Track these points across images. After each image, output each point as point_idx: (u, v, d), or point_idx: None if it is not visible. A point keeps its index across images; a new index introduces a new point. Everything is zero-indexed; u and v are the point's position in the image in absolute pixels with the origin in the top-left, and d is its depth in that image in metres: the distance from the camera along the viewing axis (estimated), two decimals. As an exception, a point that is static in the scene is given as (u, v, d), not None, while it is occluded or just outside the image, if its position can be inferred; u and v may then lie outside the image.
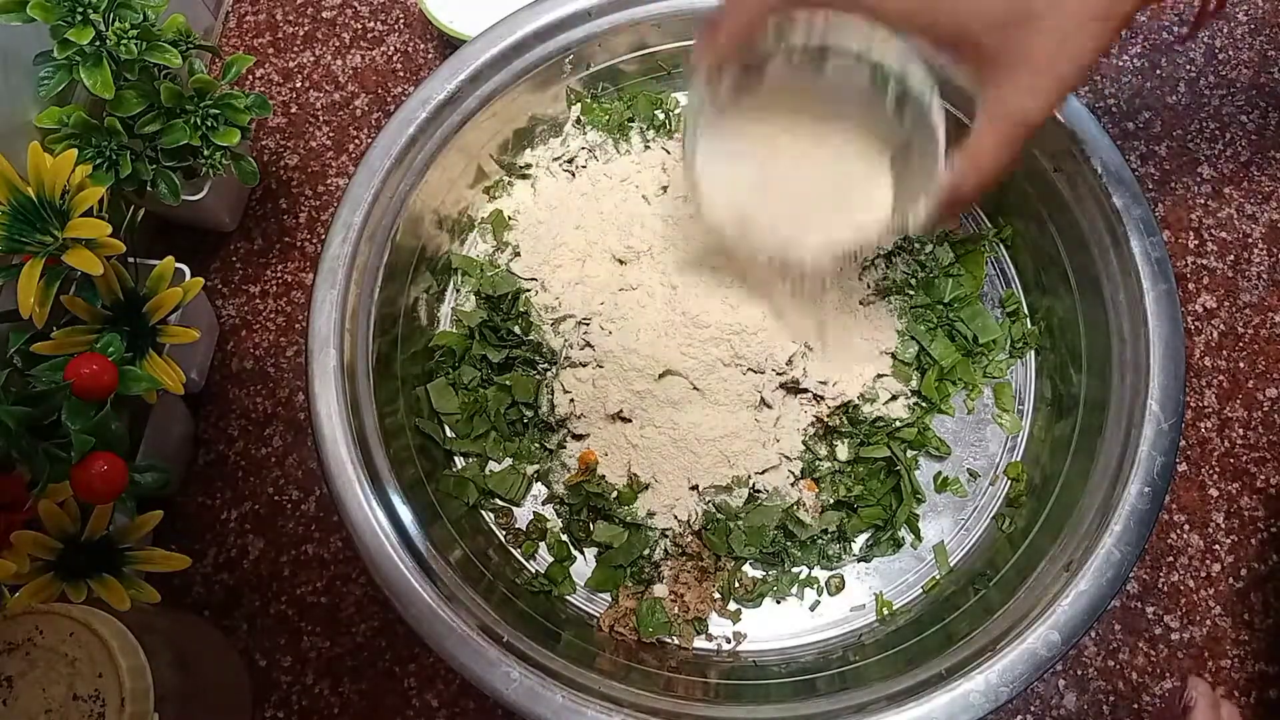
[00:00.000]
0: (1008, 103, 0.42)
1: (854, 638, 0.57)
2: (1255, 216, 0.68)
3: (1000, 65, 0.41)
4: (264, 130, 0.71)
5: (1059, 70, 0.41)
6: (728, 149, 0.50)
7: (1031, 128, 0.42)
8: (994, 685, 0.47)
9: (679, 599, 0.57)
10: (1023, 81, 0.41)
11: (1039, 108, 0.42)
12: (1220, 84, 0.71)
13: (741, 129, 0.50)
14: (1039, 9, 0.40)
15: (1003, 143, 0.42)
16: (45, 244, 0.47)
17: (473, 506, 0.59)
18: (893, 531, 0.58)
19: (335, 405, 0.52)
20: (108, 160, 0.54)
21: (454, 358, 0.61)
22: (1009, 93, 0.42)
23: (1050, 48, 0.41)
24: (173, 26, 0.56)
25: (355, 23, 0.74)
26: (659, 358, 0.57)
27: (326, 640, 0.60)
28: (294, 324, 0.67)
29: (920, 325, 0.61)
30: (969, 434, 0.62)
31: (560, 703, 0.47)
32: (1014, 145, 0.43)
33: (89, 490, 0.45)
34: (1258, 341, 0.65)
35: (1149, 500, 0.50)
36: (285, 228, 0.69)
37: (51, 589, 0.45)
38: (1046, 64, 0.41)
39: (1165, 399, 0.51)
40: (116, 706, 0.44)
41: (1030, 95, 0.41)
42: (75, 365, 0.46)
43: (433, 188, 0.60)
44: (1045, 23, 0.40)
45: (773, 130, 0.50)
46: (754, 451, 0.58)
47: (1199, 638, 0.59)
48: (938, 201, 0.45)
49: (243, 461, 0.63)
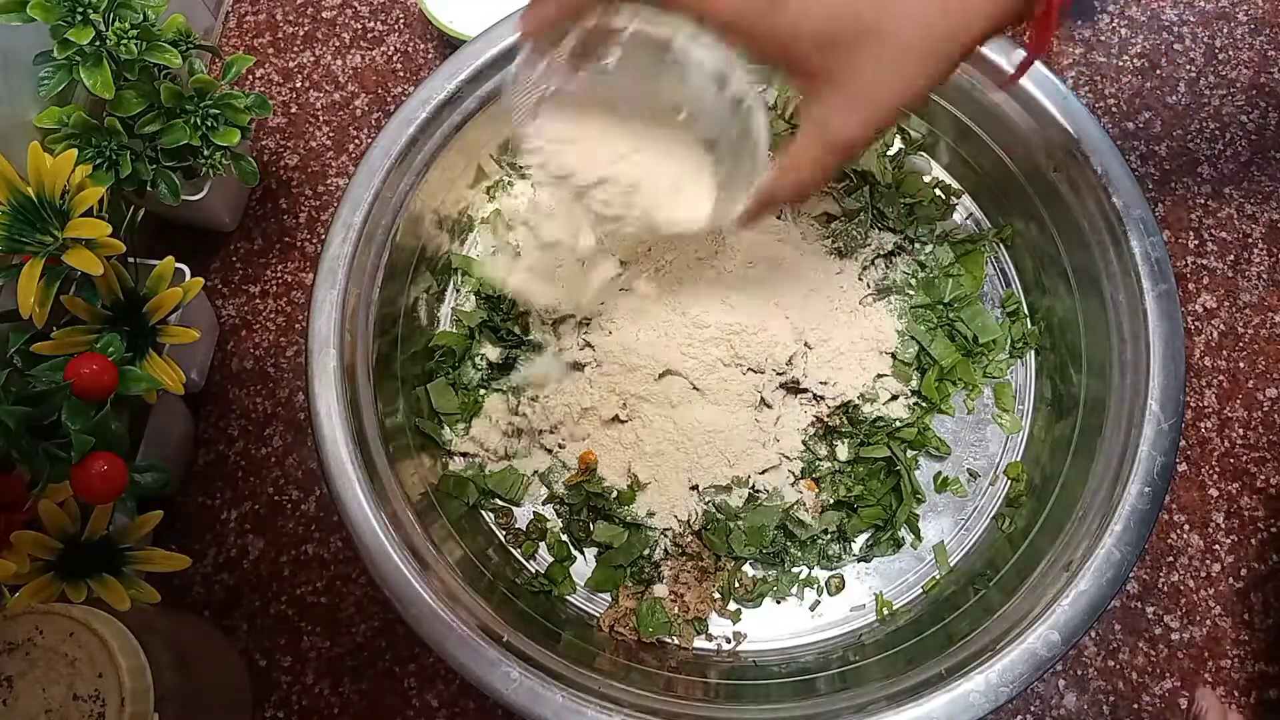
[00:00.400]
0: (828, 122, 0.41)
1: (854, 638, 0.57)
2: (1255, 216, 0.68)
3: (823, 83, 0.40)
4: (264, 130, 0.71)
5: (881, 98, 0.40)
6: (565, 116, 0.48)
7: (850, 148, 0.42)
8: (994, 685, 0.47)
9: (679, 599, 0.57)
10: (844, 104, 0.40)
11: (858, 132, 0.41)
12: (1220, 84, 0.71)
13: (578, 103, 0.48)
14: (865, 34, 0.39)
15: (820, 158, 0.42)
16: (45, 244, 0.47)
17: (473, 506, 0.59)
18: (893, 531, 0.58)
19: (335, 405, 0.52)
20: (108, 160, 0.54)
21: (454, 358, 0.61)
22: (831, 112, 0.41)
23: (875, 74, 0.40)
24: (173, 26, 0.56)
25: (355, 23, 0.74)
26: (659, 358, 0.57)
27: (326, 640, 0.60)
28: (294, 324, 0.67)
29: (920, 325, 0.61)
30: (969, 434, 0.62)
31: (560, 703, 0.47)
32: (831, 161, 0.42)
33: (89, 490, 0.45)
34: (1258, 341, 0.65)
35: (1149, 500, 0.50)
36: (285, 228, 0.69)
37: (51, 589, 0.45)
38: (869, 90, 0.40)
39: (1165, 399, 0.51)
40: (116, 706, 0.44)
41: (850, 118, 0.41)
42: (75, 365, 0.46)
43: (433, 187, 0.60)
44: (871, 49, 0.39)
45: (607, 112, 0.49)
46: (754, 451, 0.58)
47: (1199, 638, 0.59)
48: (757, 200, 0.45)
49: (243, 461, 0.63)
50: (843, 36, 0.39)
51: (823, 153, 0.42)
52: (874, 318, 0.61)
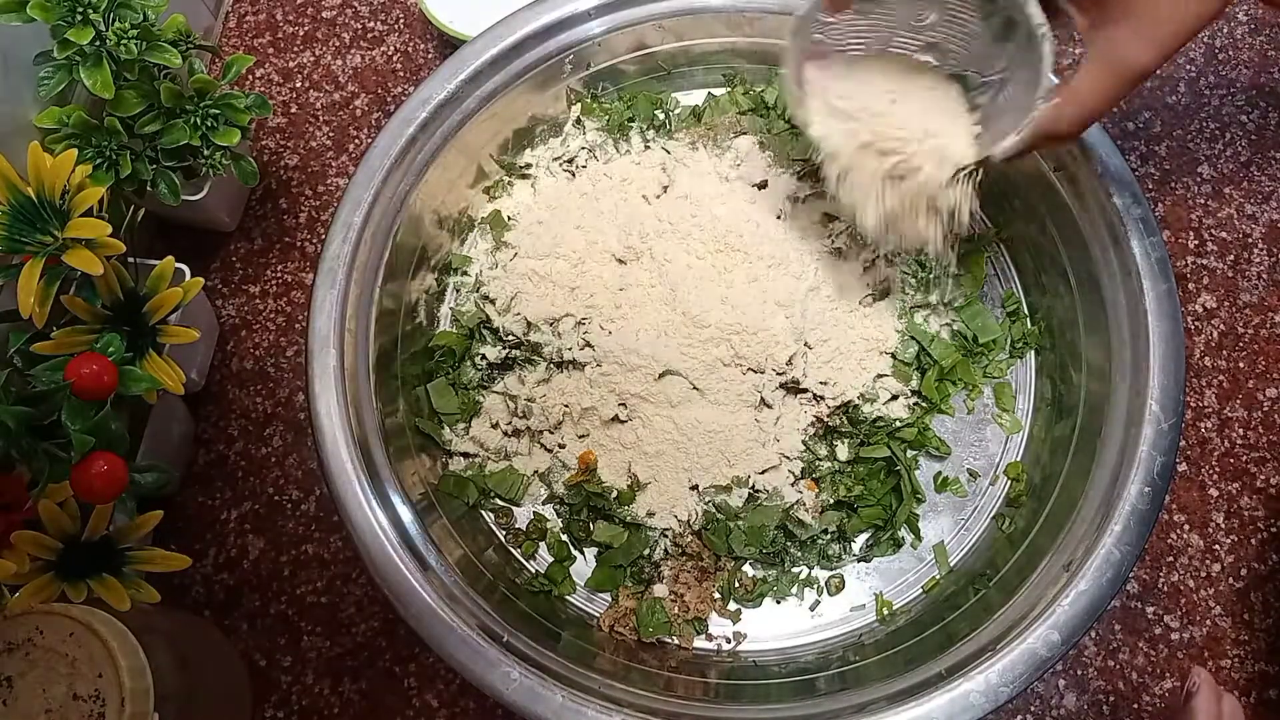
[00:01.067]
0: (1122, 48, 0.41)
1: (854, 638, 0.57)
2: (1255, 216, 0.68)
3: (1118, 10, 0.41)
4: (264, 130, 0.71)
5: (1181, 19, 0.40)
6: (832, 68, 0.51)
7: (1141, 76, 0.42)
8: (994, 685, 0.47)
9: (679, 599, 0.57)
10: (1141, 28, 0.41)
11: (1152, 56, 0.41)
12: (1220, 84, 0.71)
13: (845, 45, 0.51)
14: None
15: (1108, 87, 0.42)
16: (45, 244, 0.47)
17: (473, 506, 0.59)
18: (893, 531, 0.58)
19: (335, 405, 0.52)
20: (108, 160, 0.54)
21: (454, 358, 0.61)
22: (1125, 37, 0.41)
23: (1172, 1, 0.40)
24: (173, 26, 0.56)
25: (355, 23, 0.74)
26: (659, 358, 0.57)
27: (326, 640, 0.60)
28: (294, 324, 0.67)
29: (920, 325, 0.61)
30: (969, 434, 0.62)
31: (560, 703, 0.47)
32: (1119, 91, 0.42)
33: (89, 490, 0.45)
34: (1258, 341, 0.65)
35: (1149, 500, 0.50)
36: (285, 228, 0.69)
37: (51, 589, 0.45)
38: (1166, 16, 0.40)
39: (1165, 399, 0.51)
40: (116, 706, 0.44)
41: (1146, 43, 0.41)
42: (75, 365, 0.46)
43: (433, 188, 0.60)
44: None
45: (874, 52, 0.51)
46: (754, 451, 0.58)
47: (1199, 638, 0.59)
48: (1032, 133, 0.45)
49: (243, 461, 0.63)
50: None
51: (1111, 82, 0.42)
52: (874, 318, 0.61)
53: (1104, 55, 0.42)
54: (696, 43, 0.64)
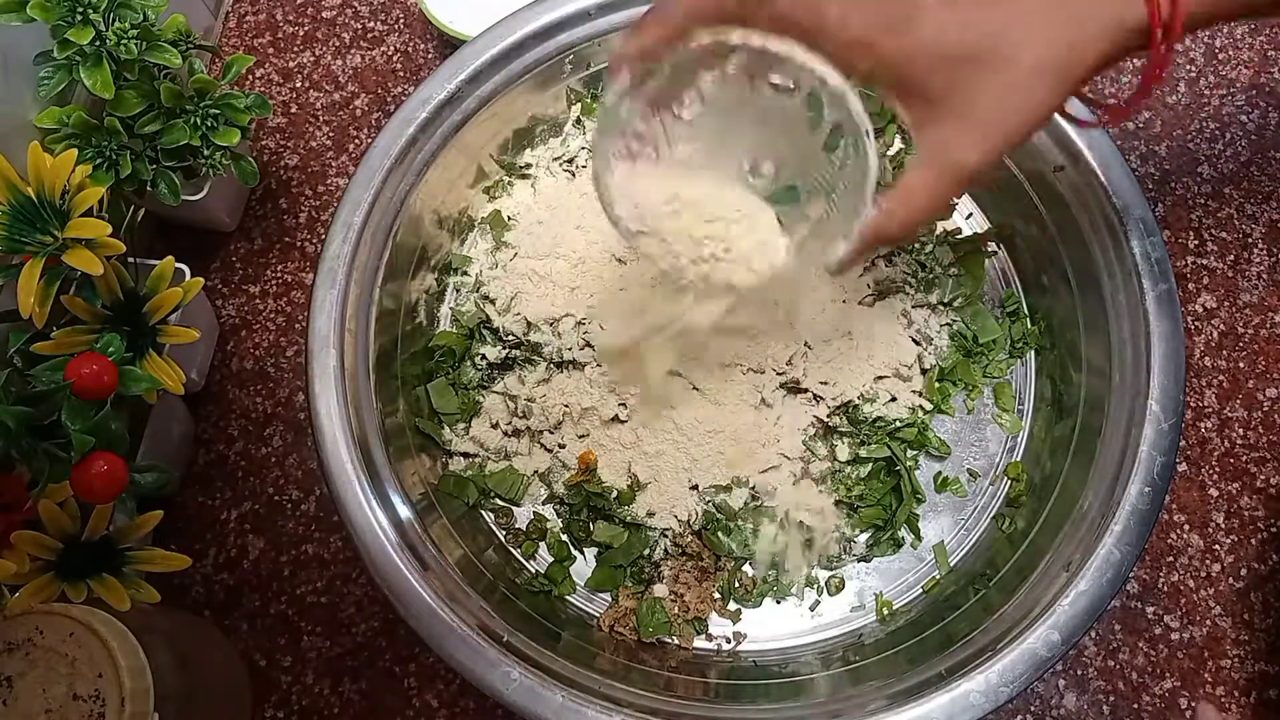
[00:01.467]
0: (948, 148, 0.40)
1: (854, 638, 0.57)
2: (1255, 216, 0.68)
3: (944, 107, 0.39)
4: (264, 130, 0.71)
5: (1007, 122, 0.39)
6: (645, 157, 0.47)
7: (968, 176, 0.40)
8: (994, 685, 0.47)
9: (679, 599, 0.57)
10: (966, 128, 0.39)
11: (980, 157, 0.39)
12: (1220, 84, 0.71)
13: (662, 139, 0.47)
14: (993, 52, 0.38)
15: (937, 187, 0.41)
16: (45, 244, 0.47)
17: (473, 506, 0.59)
18: (893, 531, 0.58)
19: (335, 405, 0.52)
20: (108, 160, 0.54)
21: (454, 358, 0.61)
22: (950, 137, 0.40)
23: (1002, 95, 0.38)
24: (173, 26, 0.56)
25: (355, 23, 0.74)
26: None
27: (326, 640, 0.60)
28: (294, 324, 0.67)
29: (921, 325, 0.61)
30: (969, 434, 0.62)
31: (560, 703, 0.47)
32: (948, 190, 0.41)
33: (89, 490, 0.45)
34: (1258, 341, 0.65)
35: (1149, 500, 0.50)
36: (285, 228, 0.69)
37: (51, 589, 0.45)
38: (994, 113, 0.39)
39: (1165, 399, 0.51)
40: (116, 706, 0.44)
41: (972, 143, 0.39)
42: (75, 365, 0.46)
43: (433, 188, 0.60)
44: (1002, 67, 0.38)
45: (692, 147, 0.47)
46: (754, 451, 0.58)
47: (1199, 638, 0.59)
48: (860, 240, 0.43)
49: (243, 461, 0.63)
50: (974, 57, 0.38)
51: (940, 182, 0.40)
52: (874, 318, 0.61)
53: (931, 155, 0.40)
54: (696, 43, 0.64)
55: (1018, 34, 0.38)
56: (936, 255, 0.63)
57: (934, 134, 0.40)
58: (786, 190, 0.48)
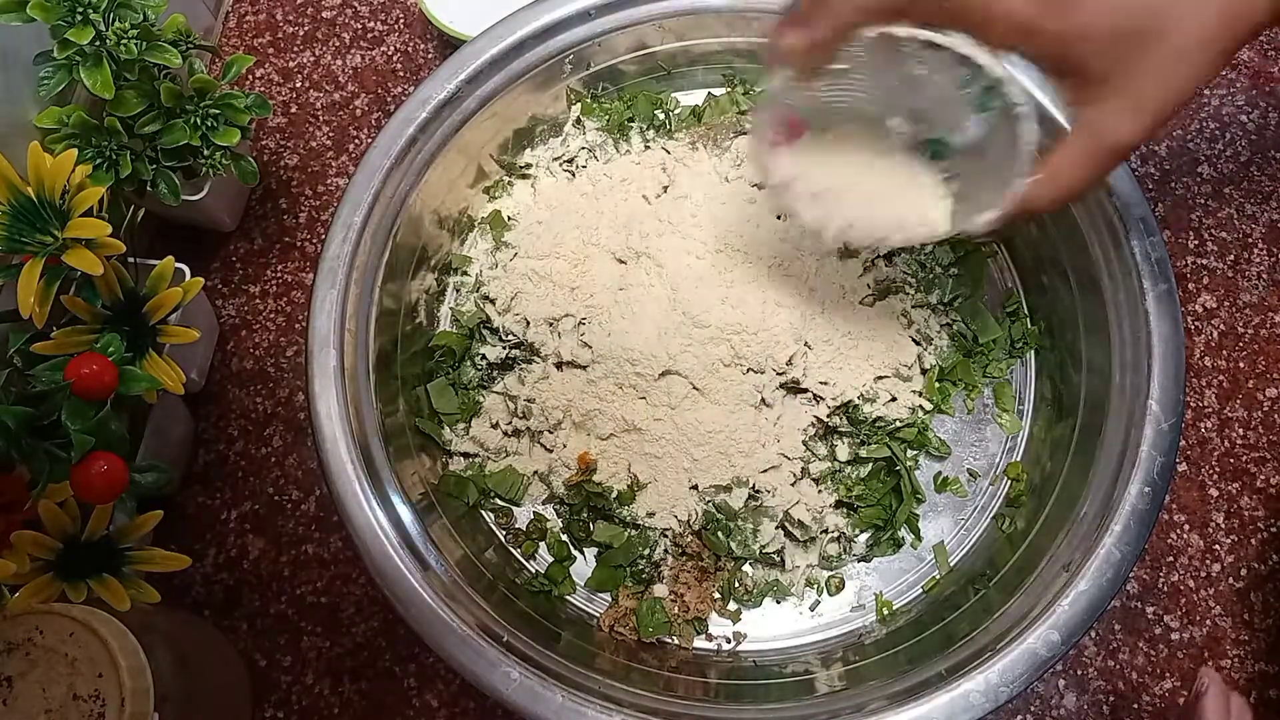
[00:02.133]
0: (1104, 124, 0.40)
1: (854, 638, 0.57)
2: (1255, 216, 0.68)
3: (1103, 85, 0.40)
4: (264, 130, 0.71)
5: (1165, 95, 0.39)
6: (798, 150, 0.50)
7: (1123, 153, 0.41)
8: (994, 685, 0.47)
9: (679, 599, 0.57)
10: (1125, 104, 0.40)
11: (1136, 133, 0.40)
12: (1220, 84, 0.71)
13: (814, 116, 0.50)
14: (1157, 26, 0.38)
15: (1089, 165, 0.41)
16: (45, 244, 0.47)
17: (473, 506, 0.59)
18: (893, 531, 0.58)
19: (335, 405, 0.52)
20: (108, 160, 0.54)
21: (454, 358, 0.61)
22: (1108, 114, 0.40)
23: (1161, 70, 0.39)
24: (173, 26, 0.56)
25: (355, 23, 0.74)
26: (659, 358, 0.57)
27: (326, 640, 0.60)
28: (294, 324, 0.67)
29: (920, 325, 0.61)
30: (969, 434, 0.62)
31: (560, 703, 0.47)
32: (1100, 168, 0.41)
33: (89, 490, 0.45)
34: (1258, 341, 0.65)
35: (1149, 500, 0.50)
36: (285, 228, 0.69)
37: (51, 589, 0.45)
38: (1154, 88, 0.39)
39: (1165, 399, 0.51)
40: (116, 706, 0.44)
41: (1130, 119, 0.40)
42: (75, 365, 0.46)
43: (433, 188, 0.60)
44: (1162, 42, 0.38)
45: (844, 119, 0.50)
46: (754, 451, 0.57)
47: (1199, 638, 0.59)
48: (1008, 211, 0.44)
49: (243, 461, 0.63)
50: (1134, 35, 0.39)
51: (1093, 159, 0.41)
52: (874, 318, 0.61)
53: (1087, 132, 0.41)
54: (697, 43, 0.64)
55: (1178, 9, 0.39)
56: (936, 255, 0.63)
57: (1091, 111, 0.41)
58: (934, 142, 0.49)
